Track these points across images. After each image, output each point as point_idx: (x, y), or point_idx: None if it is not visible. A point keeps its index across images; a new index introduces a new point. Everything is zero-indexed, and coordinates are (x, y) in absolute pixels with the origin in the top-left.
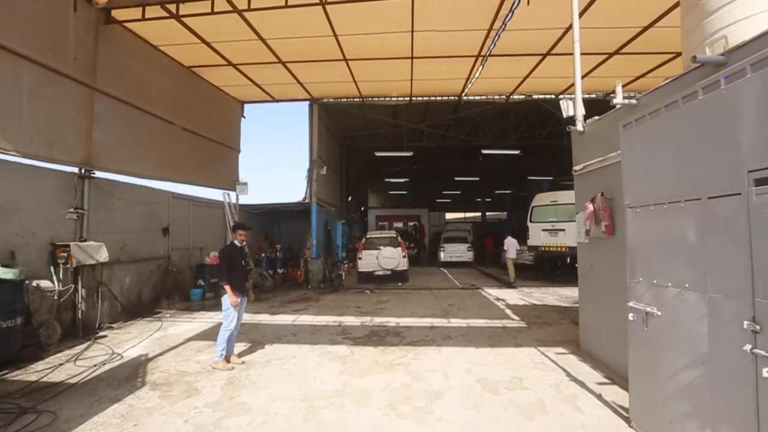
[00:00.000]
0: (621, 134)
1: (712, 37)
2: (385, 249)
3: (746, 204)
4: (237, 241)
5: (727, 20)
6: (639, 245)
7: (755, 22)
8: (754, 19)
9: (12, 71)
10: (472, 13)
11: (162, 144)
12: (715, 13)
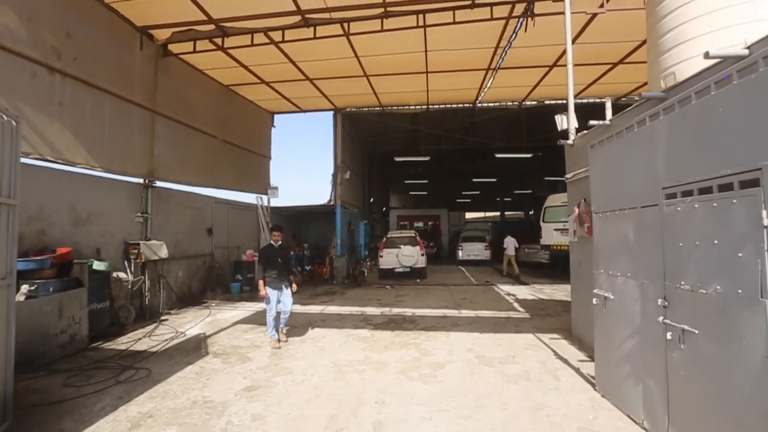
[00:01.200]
0: (589, 153)
1: (665, 71)
2: (405, 247)
3: (660, 213)
4: (273, 241)
5: (675, 60)
6: (601, 243)
7: (693, 63)
8: (693, 60)
9: (98, 104)
10: (477, 36)
11: (206, 155)
12: (666, 52)
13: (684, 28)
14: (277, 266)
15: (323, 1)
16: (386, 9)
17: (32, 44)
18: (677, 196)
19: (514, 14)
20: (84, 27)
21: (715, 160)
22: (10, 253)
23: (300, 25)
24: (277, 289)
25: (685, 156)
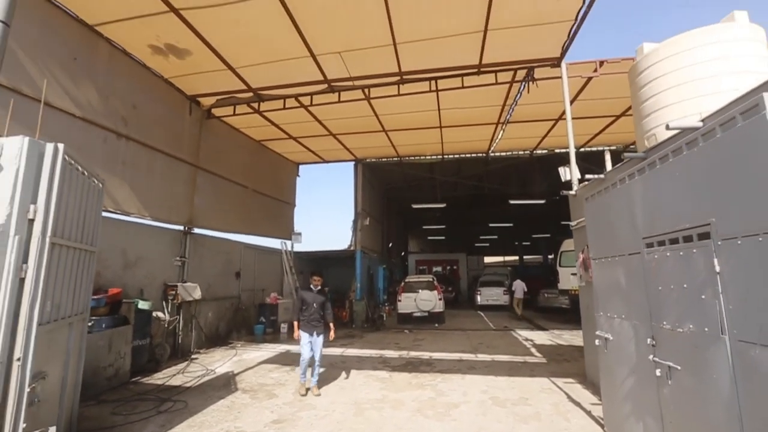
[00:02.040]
0: (585, 204)
1: (647, 133)
2: (423, 292)
3: (642, 260)
4: (312, 285)
5: (654, 123)
6: (599, 287)
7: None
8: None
9: (152, 162)
10: (485, 97)
11: (237, 203)
12: (647, 116)
13: (659, 97)
14: (313, 311)
15: (347, 71)
16: (402, 77)
17: (107, 115)
18: (654, 246)
19: (517, 79)
20: (147, 98)
21: (678, 215)
22: (86, 292)
23: (326, 91)
24: (309, 333)
25: (656, 211)
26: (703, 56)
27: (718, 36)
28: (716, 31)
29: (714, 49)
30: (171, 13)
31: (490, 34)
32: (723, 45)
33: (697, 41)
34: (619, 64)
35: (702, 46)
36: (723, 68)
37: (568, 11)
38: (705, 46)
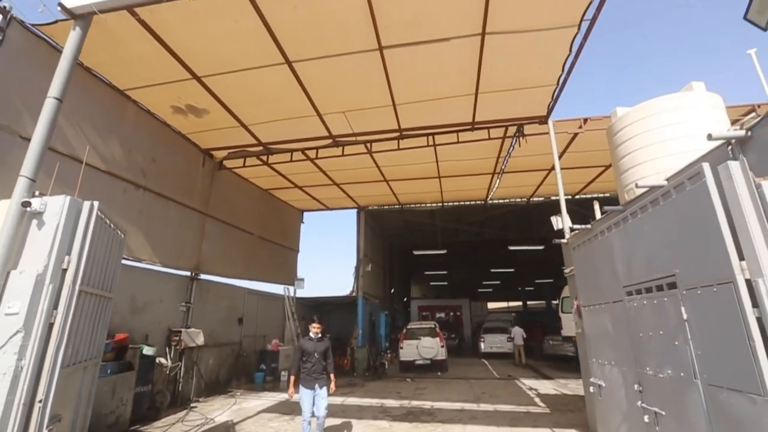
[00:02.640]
0: (573, 253)
1: (626, 187)
2: (425, 339)
3: (624, 307)
4: (312, 333)
5: (630, 179)
6: (590, 334)
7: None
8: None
9: (165, 210)
10: (480, 150)
11: (242, 250)
12: (625, 172)
13: (633, 155)
14: (314, 362)
15: (350, 128)
16: (401, 132)
17: (128, 168)
18: (633, 294)
19: (508, 135)
20: (165, 152)
21: (649, 266)
22: (102, 337)
23: (331, 145)
24: (310, 389)
25: (633, 261)
26: (668, 120)
27: (678, 103)
28: (677, 99)
29: (676, 115)
30: (194, 79)
31: (480, 96)
32: (683, 111)
33: (662, 107)
34: (600, 122)
35: (666, 111)
36: (686, 131)
37: (550, 77)
38: (668, 111)
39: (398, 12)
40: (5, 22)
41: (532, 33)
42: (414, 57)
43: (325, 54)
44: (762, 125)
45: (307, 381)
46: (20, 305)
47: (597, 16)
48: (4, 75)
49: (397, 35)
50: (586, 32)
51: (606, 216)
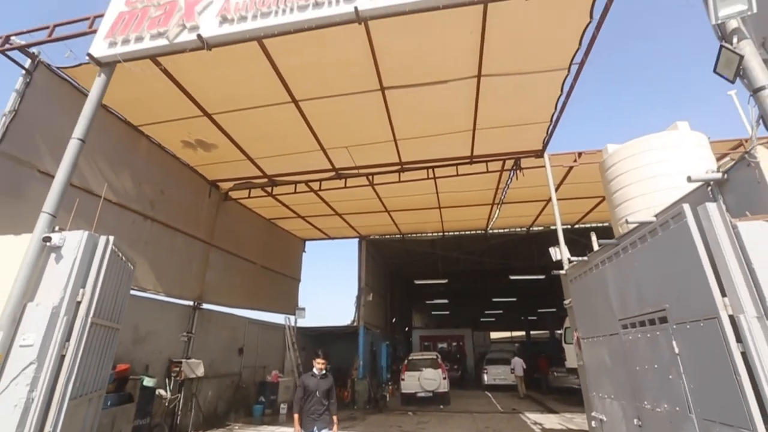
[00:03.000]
0: (570, 286)
1: (619, 220)
2: (426, 370)
3: (620, 340)
4: (315, 369)
5: (623, 213)
6: (590, 367)
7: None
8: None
9: (172, 241)
10: (479, 182)
11: (245, 279)
12: (618, 206)
13: (625, 190)
14: (315, 401)
15: (353, 161)
16: (402, 166)
17: (137, 200)
18: (628, 327)
19: (506, 168)
20: (173, 184)
21: (641, 300)
22: (107, 369)
23: (334, 178)
24: (309, 430)
25: (626, 294)
26: (655, 158)
27: (664, 142)
28: (663, 138)
29: (662, 153)
30: (204, 116)
31: (478, 132)
32: (669, 150)
33: (649, 146)
34: (594, 155)
35: (653, 149)
36: (672, 168)
37: (544, 115)
38: (655, 150)
39: (399, 58)
40: (33, 66)
41: (524, 75)
42: (414, 97)
43: (330, 94)
44: (736, 169)
45: (307, 422)
46: (35, 337)
47: (585, 60)
48: (28, 114)
49: (398, 78)
50: (575, 75)
51: (601, 249)
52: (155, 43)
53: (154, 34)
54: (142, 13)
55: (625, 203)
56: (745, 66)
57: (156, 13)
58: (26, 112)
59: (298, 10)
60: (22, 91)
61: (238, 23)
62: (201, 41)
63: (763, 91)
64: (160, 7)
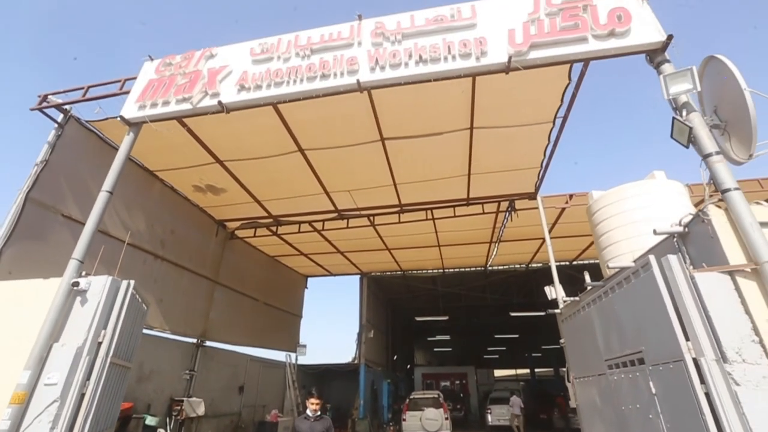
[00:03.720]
0: (562, 326)
1: (606, 262)
2: (428, 410)
3: (607, 380)
4: (309, 410)
5: (609, 255)
6: (582, 407)
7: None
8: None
9: (179, 279)
10: (476, 222)
11: (248, 316)
12: (604, 249)
13: (610, 234)
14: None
15: (354, 203)
16: (402, 207)
17: (149, 240)
18: (613, 368)
19: (501, 209)
20: (183, 224)
21: (622, 341)
22: (117, 407)
23: (336, 218)
24: None
25: (609, 336)
26: (635, 204)
27: (642, 189)
28: (642, 186)
29: (641, 200)
30: (216, 163)
31: (473, 177)
32: (646, 197)
33: (629, 193)
34: (584, 197)
35: (633, 197)
36: (650, 214)
37: (534, 161)
38: (635, 197)
39: (397, 113)
40: (65, 120)
41: (513, 128)
42: (412, 146)
43: (334, 145)
44: (694, 223)
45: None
46: (59, 376)
47: (567, 115)
48: (55, 162)
49: (397, 130)
50: (560, 127)
51: (589, 290)
52: (180, 107)
53: (180, 99)
54: (170, 81)
55: (610, 246)
56: (695, 135)
57: (182, 80)
58: (54, 161)
59: (308, 80)
60: (53, 142)
61: (254, 91)
62: (221, 106)
63: (710, 157)
64: (185, 75)
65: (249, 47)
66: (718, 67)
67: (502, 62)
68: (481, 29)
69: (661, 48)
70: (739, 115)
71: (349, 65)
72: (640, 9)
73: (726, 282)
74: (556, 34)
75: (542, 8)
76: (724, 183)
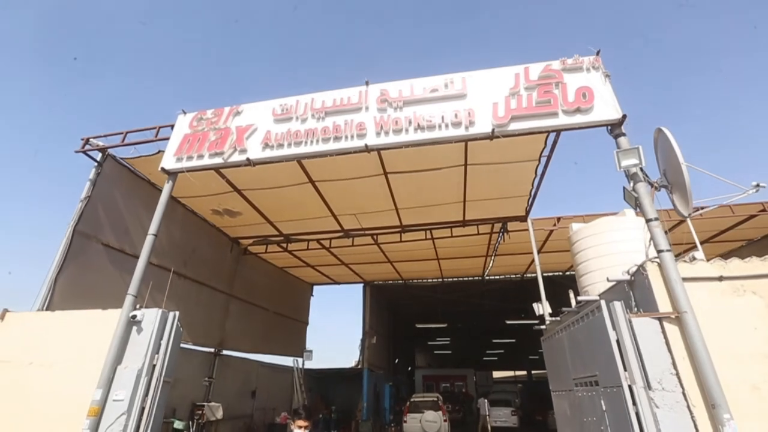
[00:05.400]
0: (543, 344)
1: (584, 289)
2: (428, 413)
3: (575, 396)
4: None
5: (586, 282)
6: (558, 417)
7: (594, 288)
8: (594, 286)
9: (198, 294)
10: (472, 240)
11: (259, 325)
12: (582, 276)
13: (587, 263)
14: None
15: (359, 223)
16: (403, 227)
17: (174, 261)
18: (578, 386)
19: (495, 230)
20: (202, 243)
21: (584, 366)
22: (160, 418)
23: (342, 237)
24: None
25: (575, 359)
26: (607, 239)
27: (613, 226)
28: (613, 222)
29: (612, 235)
30: (234, 192)
31: (468, 203)
32: (617, 233)
33: (602, 228)
34: (572, 220)
35: (605, 232)
36: (623, 248)
37: (523, 190)
38: (607, 232)
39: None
40: (103, 158)
41: (503, 164)
42: (412, 178)
43: (341, 177)
44: (638, 274)
45: None
46: (125, 393)
47: (551, 155)
48: (96, 197)
49: (399, 166)
50: (545, 163)
51: (566, 314)
52: (213, 160)
53: (212, 153)
54: (203, 136)
55: (586, 274)
56: (639, 202)
57: (214, 137)
58: (94, 196)
59: (323, 141)
60: (94, 179)
61: (277, 149)
62: (249, 162)
63: (651, 222)
64: (217, 132)
65: (271, 107)
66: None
67: (487, 132)
68: (470, 100)
69: (618, 123)
70: (680, 180)
71: (358, 130)
72: (603, 87)
73: (655, 325)
74: (532, 109)
75: (521, 84)
76: (659, 245)
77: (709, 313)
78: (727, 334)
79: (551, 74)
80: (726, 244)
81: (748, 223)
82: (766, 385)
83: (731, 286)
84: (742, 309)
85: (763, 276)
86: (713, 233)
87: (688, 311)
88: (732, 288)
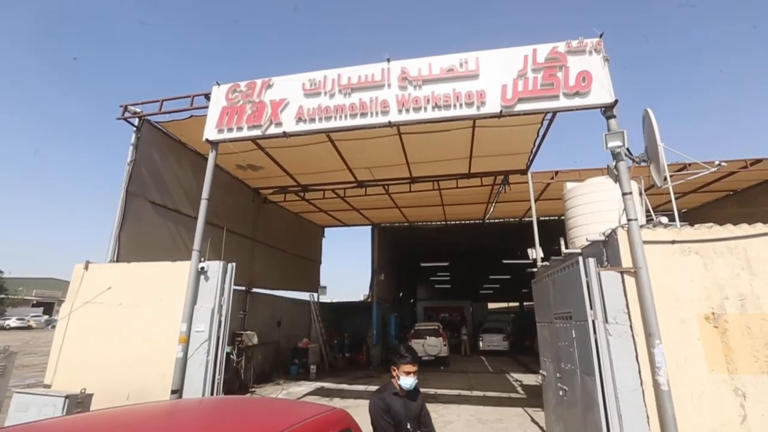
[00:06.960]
0: (533, 286)
1: (572, 240)
2: (430, 338)
3: (554, 326)
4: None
5: (574, 235)
6: (541, 341)
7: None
8: (578, 240)
9: (229, 240)
10: (476, 190)
11: (279, 265)
12: (571, 229)
13: (576, 219)
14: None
15: (372, 174)
16: (412, 179)
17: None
18: (557, 319)
19: (497, 182)
20: (229, 195)
21: (563, 304)
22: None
23: (356, 186)
24: None
25: (556, 299)
26: (596, 198)
27: (603, 186)
28: (602, 183)
29: (601, 195)
30: (258, 150)
31: (474, 159)
32: (606, 192)
33: (591, 189)
34: (568, 174)
35: (594, 191)
36: (606, 207)
37: (525, 148)
38: (595, 192)
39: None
40: (140, 123)
41: (508, 127)
42: (424, 138)
43: (359, 137)
44: (610, 236)
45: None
46: (204, 326)
47: (553, 119)
48: (139, 159)
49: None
50: (548, 126)
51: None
52: (252, 132)
53: (251, 126)
54: (240, 109)
55: (574, 228)
56: (619, 178)
57: (250, 110)
58: (137, 158)
59: (350, 117)
60: (135, 143)
61: (309, 123)
62: (284, 134)
63: (626, 195)
64: (253, 105)
65: (301, 82)
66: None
67: (496, 112)
68: (482, 80)
69: (610, 106)
70: (657, 157)
71: (382, 107)
72: (601, 71)
73: (617, 277)
74: (537, 92)
75: (529, 66)
76: (630, 214)
77: (661, 268)
78: (671, 284)
79: (556, 57)
80: (713, 194)
81: (732, 176)
82: (692, 319)
83: (680, 248)
84: (686, 265)
85: (705, 240)
86: (701, 185)
87: (643, 267)
88: (681, 249)
